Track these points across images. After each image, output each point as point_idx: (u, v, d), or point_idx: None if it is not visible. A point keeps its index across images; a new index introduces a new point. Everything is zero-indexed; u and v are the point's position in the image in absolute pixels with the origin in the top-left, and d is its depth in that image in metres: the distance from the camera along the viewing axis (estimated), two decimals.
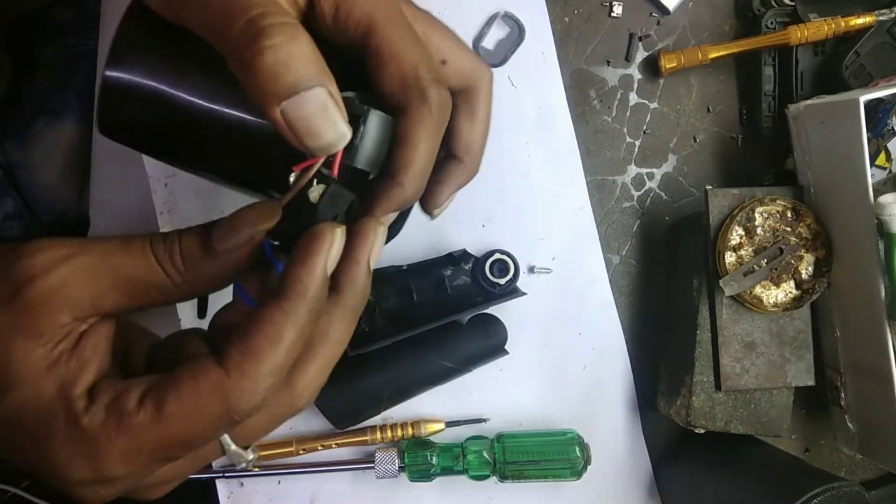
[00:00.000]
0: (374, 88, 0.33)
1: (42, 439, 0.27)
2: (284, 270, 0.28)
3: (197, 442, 0.28)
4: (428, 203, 0.39)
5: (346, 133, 0.29)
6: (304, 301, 0.28)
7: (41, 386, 0.27)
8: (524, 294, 0.56)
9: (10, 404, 0.27)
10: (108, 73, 0.32)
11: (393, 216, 0.34)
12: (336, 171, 0.30)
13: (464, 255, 0.56)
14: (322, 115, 0.28)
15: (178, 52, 0.33)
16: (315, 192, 0.30)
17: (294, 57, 0.27)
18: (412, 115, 0.32)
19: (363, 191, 0.33)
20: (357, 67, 0.33)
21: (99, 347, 0.28)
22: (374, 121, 0.32)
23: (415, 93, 0.32)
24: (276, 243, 0.31)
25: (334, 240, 0.29)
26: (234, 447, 0.30)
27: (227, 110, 0.33)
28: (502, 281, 0.55)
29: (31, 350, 0.27)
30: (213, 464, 0.56)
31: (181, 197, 0.57)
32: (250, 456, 0.31)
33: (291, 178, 0.30)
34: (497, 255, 0.55)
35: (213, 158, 0.35)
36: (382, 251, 0.33)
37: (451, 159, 0.39)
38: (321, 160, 0.29)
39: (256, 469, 0.56)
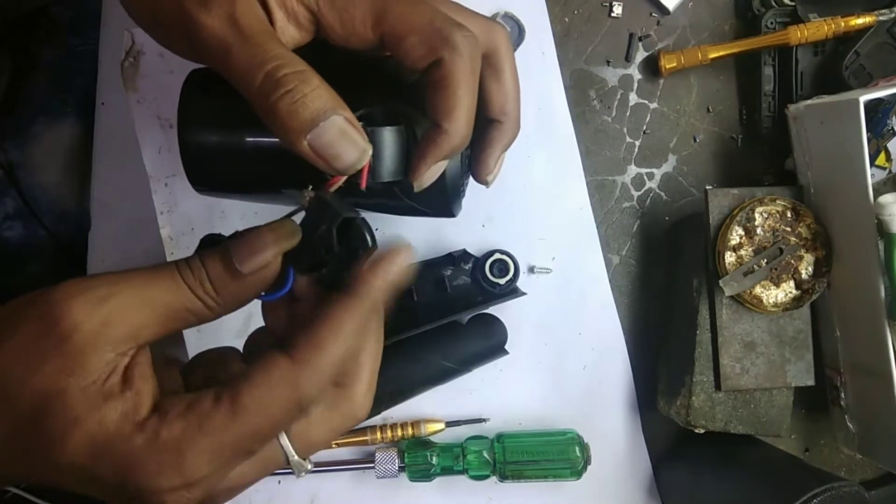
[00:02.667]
0: (402, 63, 0.34)
1: (122, 464, 0.28)
2: (354, 273, 0.31)
3: (271, 432, 0.30)
4: (479, 171, 0.41)
5: (367, 149, 0.32)
6: (365, 301, 0.31)
7: (105, 417, 0.28)
8: (524, 294, 0.56)
9: (80, 440, 0.28)
10: (184, 138, 0.40)
11: (443, 165, 0.36)
12: (364, 184, 0.33)
13: (464, 255, 0.56)
14: (342, 139, 0.31)
15: (228, 104, 0.37)
16: (306, 197, 0.33)
17: (308, 95, 0.30)
18: (444, 63, 0.33)
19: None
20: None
21: (145, 374, 0.30)
22: (386, 136, 0.35)
23: (439, 43, 0.33)
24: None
25: (404, 256, 0.32)
26: (295, 456, 0.31)
27: (271, 139, 0.38)
28: (502, 281, 0.55)
29: (85, 389, 0.28)
30: None
31: (181, 196, 0.57)
32: (309, 466, 0.32)
33: (307, 195, 0.33)
34: (497, 255, 0.55)
35: (272, 178, 0.41)
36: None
37: (489, 123, 0.40)
38: (342, 180, 0.33)
39: None
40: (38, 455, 0.28)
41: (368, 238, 0.33)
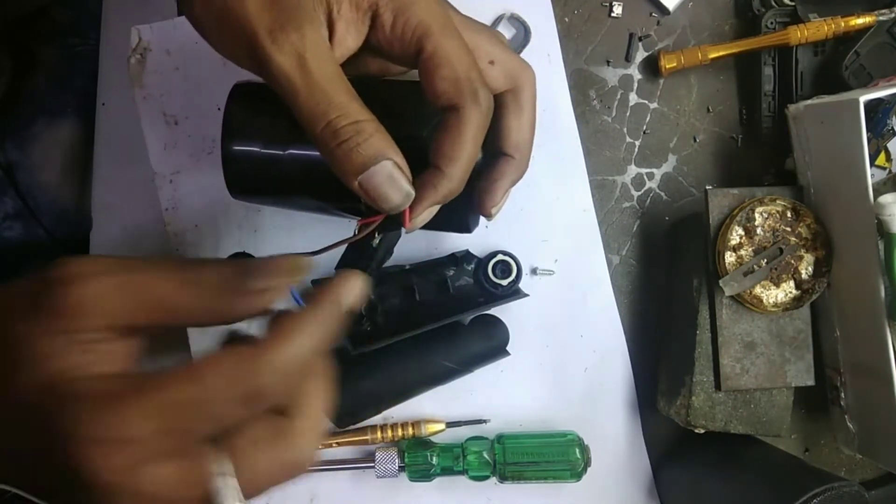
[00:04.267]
0: (426, 89, 0.37)
1: (55, 408, 0.27)
2: (321, 290, 0.33)
3: (215, 407, 0.28)
4: (485, 203, 0.43)
5: (410, 193, 0.36)
6: (329, 312, 0.32)
7: (63, 361, 0.27)
8: (526, 295, 0.56)
9: (30, 374, 0.27)
10: (227, 146, 0.43)
11: (435, 208, 0.38)
12: (408, 224, 0.37)
13: (466, 256, 0.56)
14: (389, 183, 0.35)
15: (273, 119, 0.43)
16: (376, 241, 0.38)
17: (361, 145, 0.34)
18: (463, 113, 0.36)
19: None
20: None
21: (131, 354, 0.30)
22: None
23: (468, 93, 0.36)
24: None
25: (360, 283, 0.34)
26: (223, 476, 0.28)
27: (310, 153, 0.42)
28: (504, 282, 0.55)
29: (52, 338, 0.28)
30: None
31: (186, 193, 0.57)
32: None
33: (356, 229, 0.37)
34: (500, 257, 0.55)
35: (308, 191, 0.45)
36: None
37: (502, 157, 0.43)
38: (381, 218, 0.37)
39: None
40: None
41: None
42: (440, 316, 0.53)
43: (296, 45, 0.34)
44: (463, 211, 0.45)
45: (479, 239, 0.57)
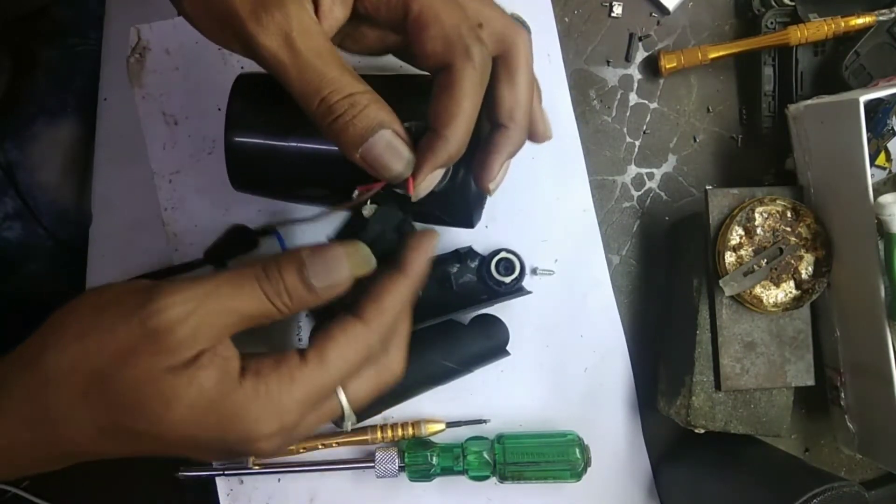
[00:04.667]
0: (416, 52, 0.36)
1: (224, 420, 0.32)
2: (403, 254, 0.36)
3: (341, 378, 0.35)
4: (481, 177, 0.41)
5: (411, 160, 0.36)
6: (415, 275, 0.36)
7: (203, 384, 0.32)
8: (529, 293, 0.56)
9: (180, 412, 0.31)
10: (230, 138, 0.43)
11: (439, 174, 0.37)
12: (412, 191, 0.36)
13: (469, 253, 0.56)
14: (389, 151, 0.35)
15: (275, 110, 0.42)
16: (368, 210, 0.38)
17: (357, 116, 0.34)
18: (456, 70, 0.35)
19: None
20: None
21: (228, 345, 0.34)
22: None
23: (459, 50, 0.35)
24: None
25: (435, 240, 0.38)
26: (348, 408, 0.36)
27: (313, 144, 0.43)
28: (508, 279, 0.55)
29: (176, 370, 0.31)
30: (214, 463, 0.56)
31: (185, 193, 0.57)
32: (354, 418, 0.37)
33: (355, 195, 0.38)
34: (503, 254, 0.55)
35: (312, 182, 0.45)
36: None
37: (496, 129, 0.40)
38: (380, 185, 0.37)
39: (256, 467, 0.56)
40: (142, 435, 0.32)
41: (409, 225, 0.40)
42: (443, 312, 0.53)
43: (280, 24, 0.33)
44: (465, 205, 0.44)
45: (480, 238, 0.57)
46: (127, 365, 0.31)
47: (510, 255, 0.55)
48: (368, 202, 0.38)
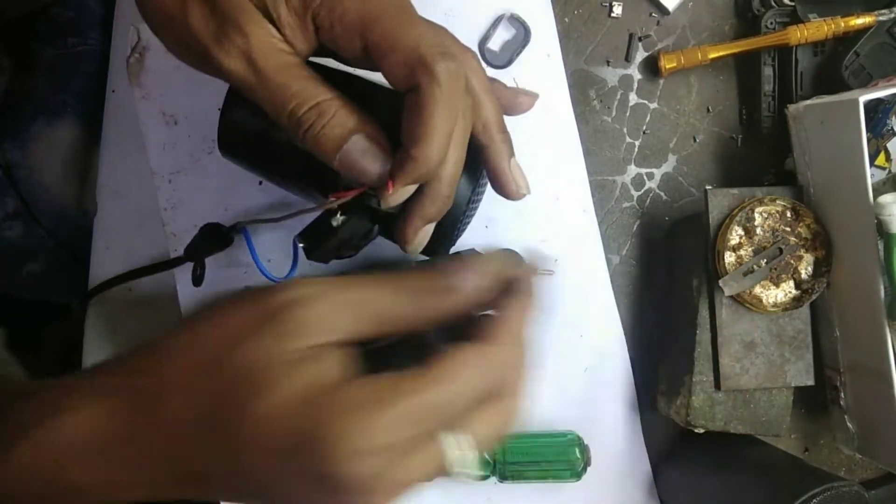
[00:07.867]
0: (385, 78, 0.36)
1: (307, 423, 0.28)
2: (517, 281, 0.33)
3: (458, 407, 0.29)
4: (504, 187, 0.44)
5: (389, 161, 0.36)
6: (534, 297, 0.33)
7: (298, 378, 0.28)
8: None
9: (270, 402, 0.28)
10: (227, 107, 0.42)
11: (412, 188, 0.37)
12: (391, 189, 0.36)
13: (471, 255, 0.56)
14: (364, 156, 0.35)
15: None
16: (336, 221, 0.38)
17: (327, 125, 0.35)
18: (422, 91, 0.35)
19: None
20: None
21: (344, 359, 0.30)
22: None
23: (421, 71, 0.34)
24: (301, 245, 0.39)
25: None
26: (457, 451, 0.30)
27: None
28: None
29: (281, 357, 0.29)
30: None
31: (185, 193, 0.57)
32: (476, 459, 0.31)
33: (329, 200, 0.37)
34: None
35: (296, 165, 0.43)
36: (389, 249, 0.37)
37: (482, 147, 0.42)
38: (355, 192, 0.37)
39: None
40: (226, 427, 0.28)
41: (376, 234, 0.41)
42: None
43: (241, 46, 0.34)
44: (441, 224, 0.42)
45: (480, 240, 0.57)
46: (241, 346, 0.29)
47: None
48: (339, 213, 0.37)
